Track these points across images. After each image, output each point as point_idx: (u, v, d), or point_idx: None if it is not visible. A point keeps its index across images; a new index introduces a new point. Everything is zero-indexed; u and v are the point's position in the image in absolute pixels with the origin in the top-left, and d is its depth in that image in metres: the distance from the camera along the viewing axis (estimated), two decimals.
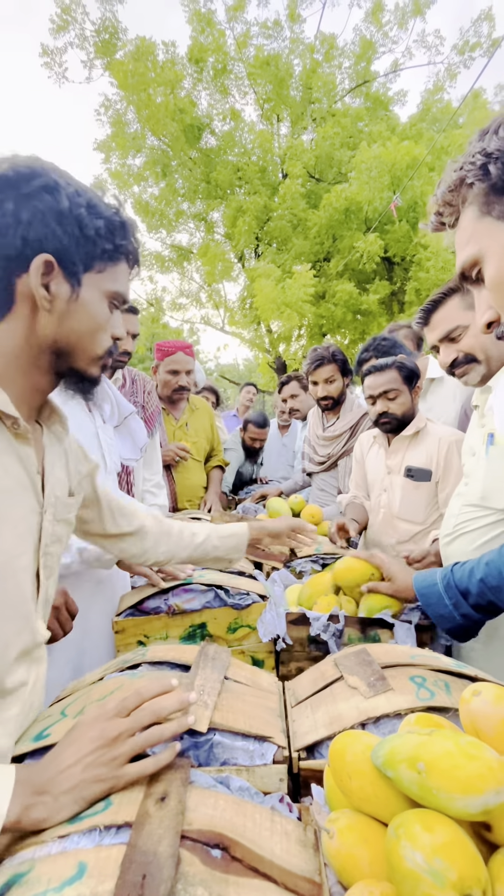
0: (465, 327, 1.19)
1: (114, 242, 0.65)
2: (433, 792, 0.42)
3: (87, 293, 0.64)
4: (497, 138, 0.51)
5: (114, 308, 0.69)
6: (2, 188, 0.58)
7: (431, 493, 1.68)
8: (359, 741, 0.52)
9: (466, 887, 0.36)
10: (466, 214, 0.58)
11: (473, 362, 1.20)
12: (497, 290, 0.57)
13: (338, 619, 1.09)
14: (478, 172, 0.53)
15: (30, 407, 0.68)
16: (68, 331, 0.64)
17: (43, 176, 0.59)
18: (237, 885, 0.43)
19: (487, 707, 0.52)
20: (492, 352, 1.17)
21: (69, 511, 0.79)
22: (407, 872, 0.38)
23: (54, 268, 0.60)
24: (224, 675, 0.73)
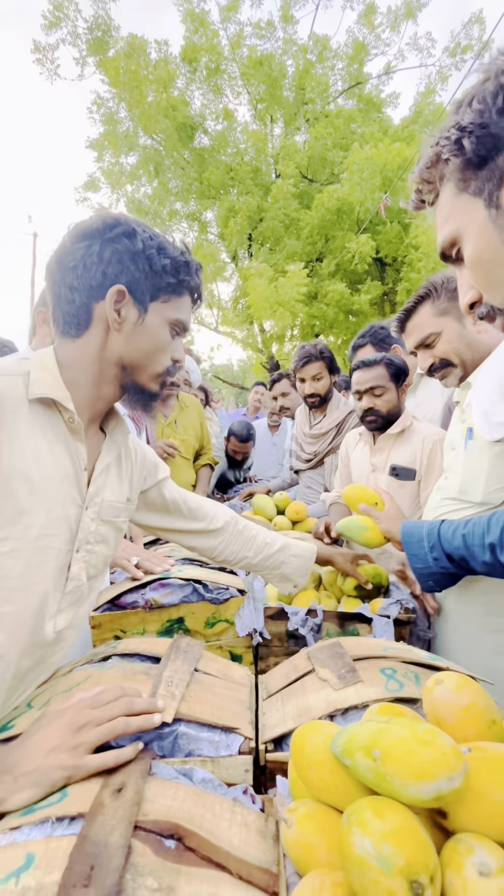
0: (437, 334, 1.22)
1: (178, 278, 0.76)
2: (387, 779, 0.42)
3: (152, 319, 0.75)
4: (471, 111, 0.50)
5: (175, 334, 0.79)
6: (92, 235, 0.71)
7: (415, 492, 1.68)
8: (320, 731, 0.52)
9: (414, 873, 0.36)
10: (444, 191, 0.57)
11: (450, 366, 1.23)
12: (476, 269, 0.56)
13: (316, 614, 1.08)
14: (452, 147, 0.52)
15: (92, 411, 0.78)
16: (133, 349, 0.74)
17: (123, 225, 0.72)
18: (189, 876, 0.42)
19: (449, 695, 0.52)
20: (466, 355, 1.20)
21: (118, 514, 0.84)
22: (356, 859, 0.37)
23: (126, 296, 0.72)
24: (194, 668, 0.73)
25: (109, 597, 1.12)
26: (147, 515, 1.03)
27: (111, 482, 0.84)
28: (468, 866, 0.37)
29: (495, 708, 0.52)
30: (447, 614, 1.20)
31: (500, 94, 0.47)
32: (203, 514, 1.08)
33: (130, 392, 0.78)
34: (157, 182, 10.16)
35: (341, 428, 2.21)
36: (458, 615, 1.17)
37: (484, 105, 0.48)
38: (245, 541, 1.12)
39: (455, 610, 1.18)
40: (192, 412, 2.36)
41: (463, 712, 0.50)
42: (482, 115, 0.48)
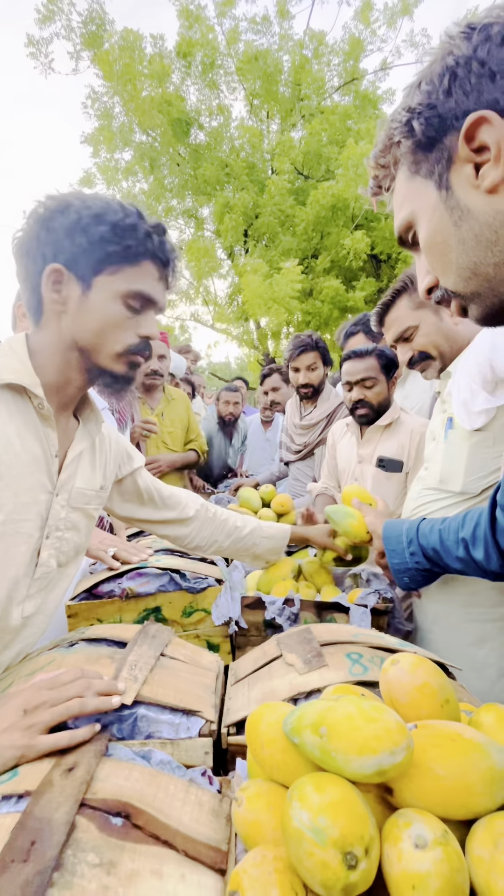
0: (415, 327, 1.22)
1: (122, 244, 0.69)
2: (332, 755, 0.42)
3: (97, 294, 0.70)
4: (419, 92, 0.49)
5: (134, 308, 0.73)
6: (32, 219, 0.69)
7: (402, 484, 1.69)
8: (274, 711, 0.52)
9: (348, 844, 0.36)
10: (399, 175, 0.57)
11: (428, 359, 1.23)
12: (430, 252, 0.56)
13: (293, 603, 1.08)
14: (403, 129, 0.51)
15: (62, 398, 0.76)
16: (83, 329, 0.71)
17: (57, 200, 0.69)
18: (133, 852, 0.42)
19: (403, 675, 0.52)
20: (444, 347, 1.21)
21: (89, 502, 0.84)
22: (293, 831, 0.37)
23: (63, 275, 0.68)
24: (161, 652, 0.72)
25: (86, 586, 1.11)
26: (122, 505, 1.03)
27: (83, 470, 0.84)
28: (405, 839, 0.37)
29: (450, 688, 0.52)
30: (426, 605, 1.21)
31: (447, 75, 0.46)
32: (175, 502, 1.09)
33: (96, 376, 0.77)
34: (153, 178, 10.10)
35: (331, 419, 2.22)
36: (438, 605, 1.17)
37: (431, 86, 0.48)
38: (215, 526, 1.14)
39: (435, 601, 1.18)
40: (179, 405, 2.35)
41: (416, 691, 0.50)
42: (430, 96, 0.48)
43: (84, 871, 0.39)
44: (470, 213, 0.48)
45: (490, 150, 0.45)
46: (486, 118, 0.44)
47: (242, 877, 0.38)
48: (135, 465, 1.01)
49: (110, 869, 0.40)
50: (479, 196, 0.48)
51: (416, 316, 1.21)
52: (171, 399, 2.34)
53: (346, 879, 0.35)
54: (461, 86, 0.46)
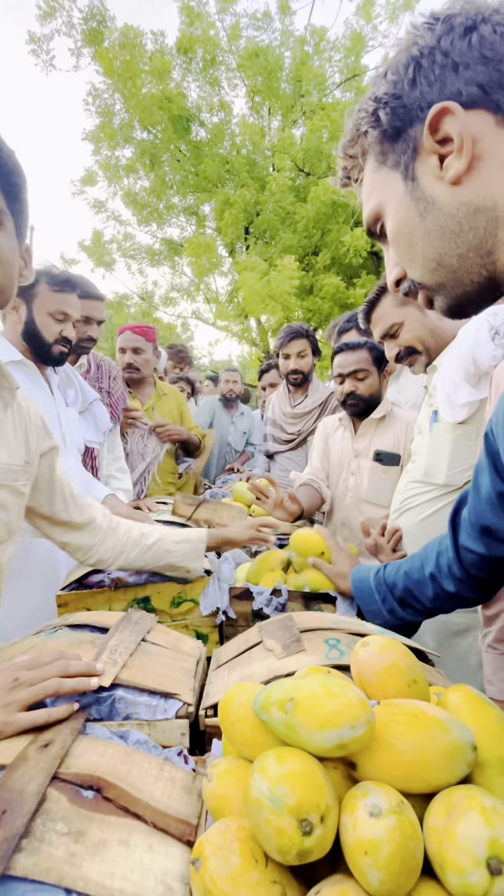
0: (399, 324, 1.24)
1: None
2: (296, 729, 0.43)
3: None
4: (385, 82, 0.50)
5: None
6: None
7: (399, 477, 1.69)
8: (246, 691, 0.53)
9: (304, 812, 0.37)
10: (367, 166, 0.57)
11: (415, 354, 1.25)
12: (397, 243, 0.56)
13: (280, 594, 1.09)
14: (370, 119, 0.52)
15: None
16: None
17: None
18: (102, 823, 0.43)
19: (372, 656, 0.53)
20: (430, 342, 1.23)
21: (16, 479, 0.82)
22: (253, 801, 0.38)
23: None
24: (142, 638, 0.74)
25: (77, 576, 1.13)
26: (32, 494, 0.93)
27: (7, 443, 0.81)
28: (361, 808, 0.38)
29: (418, 670, 0.53)
30: None
31: (411, 65, 0.47)
32: (85, 504, 1.01)
33: None
34: (154, 175, 10.09)
35: (325, 407, 2.26)
36: None
37: (397, 76, 0.48)
38: (119, 537, 1.04)
39: None
40: (169, 400, 2.36)
41: (384, 672, 0.51)
42: (395, 86, 0.49)
43: (52, 838, 0.40)
44: (435, 204, 0.49)
45: (453, 141, 0.46)
46: (449, 109, 0.45)
47: (205, 845, 0.39)
48: (52, 443, 0.93)
49: (78, 837, 0.41)
50: (443, 187, 0.48)
51: (400, 313, 1.23)
52: (163, 395, 2.35)
53: (301, 845, 0.36)
54: (425, 76, 0.46)
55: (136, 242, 11.03)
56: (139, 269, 11.41)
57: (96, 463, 1.82)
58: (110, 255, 10.55)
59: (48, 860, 0.38)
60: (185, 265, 11.29)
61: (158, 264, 11.41)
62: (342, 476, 1.82)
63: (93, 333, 1.82)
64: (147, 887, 0.39)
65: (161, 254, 11.15)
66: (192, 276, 10.88)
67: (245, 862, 0.38)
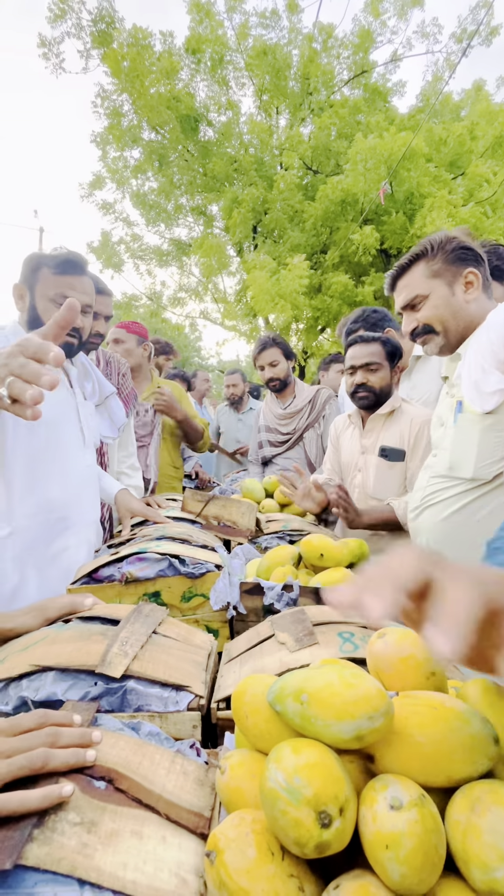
0: (424, 297, 1.17)
1: None
2: (311, 720, 0.42)
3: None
4: None
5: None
6: None
7: (403, 473, 1.68)
8: (260, 682, 0.52)
9: (322, 804, 0.36)
10: None
11: (431, 333, 1.19)
12: None
13: (292, 589, 1.08)
14: None
15: None
16: None
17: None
18: (114, 814, 0.43)
19: (388, 647, 0.51)
20: (450, 323, 1.16)
21: None
22: (268, 792, 0.37)
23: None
24: (153, 630, 0.73)
25: (87, 571, 1.12)
26: None
27: None
28: (380, 800, 0.37)
29: (437, 661, 0.51)
30: None
31: None
32: None
33: None
34: (162, 176, 10.13)
35: (314, 403, 2.35)
36: None
37: None
38: None
39: None
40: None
41: (401, 663, 0.50)
42: None
43: (64, 828, 0.40)
44: None
45: None
46: None
47: (220, 837, 0.38)
48: None
49: (91, 828, 0.40)
50: None
51: (428, 285, 1.17)
52: (159, 388, 2.34)
53: (320, 837, 0.35)
54: None
55: (145, 243, 11.08)
56: (147, 270, 11.46)
57: (105, 459, 1.82)
58: (119, 257, 10.61)
59: (60, 850, 0.38)
60: (193, 265, 11.33)
61: (166, 265, 11.46)
62: (351, 473, 1.81)
63: (101, 329, 1.81)
64: (161, 879, 0.39)
65: (169, 254, 11.19)
66: (200, 277, 10.89)
67: (261, 855, 0.37)
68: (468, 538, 1.10)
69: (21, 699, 0.58)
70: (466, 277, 1.14)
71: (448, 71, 9.86)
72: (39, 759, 0.43)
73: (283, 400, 2.44)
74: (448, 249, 1.15)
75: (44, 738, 0.45)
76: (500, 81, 10.67)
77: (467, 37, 9.08)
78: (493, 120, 8.74)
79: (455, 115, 9.98)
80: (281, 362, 2.35)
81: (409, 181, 7.87)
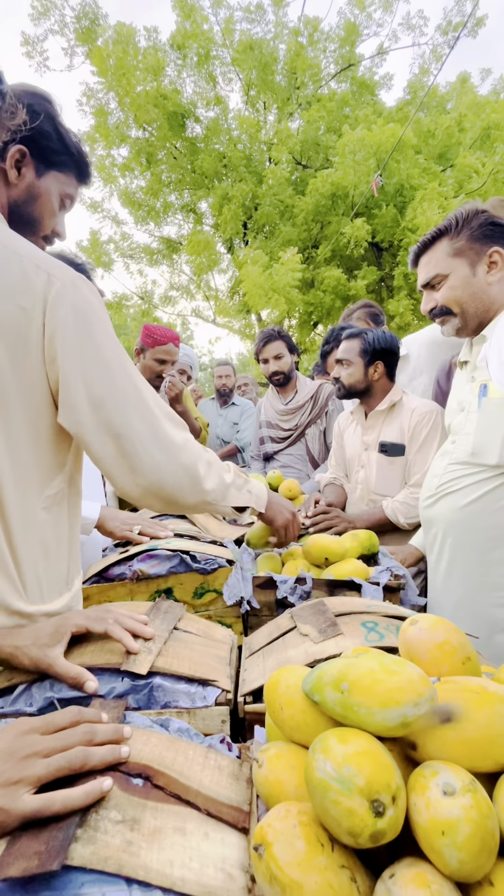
0: (444, 276, 1.13)
1: (74, 157, 0.80)
2: (354, 709, 0.41)
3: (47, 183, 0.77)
4: None
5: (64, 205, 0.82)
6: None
7: (403, 469, 1.67)
8: (293, 673, 0.51)
9: (375, 792, 0.35)
10: None
11: (448, 314, 1.15)
12: None
13: (305, 582, 1.07)
14: None
15: None
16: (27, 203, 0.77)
17: (49, 101, 0.78)
18: (155, 810, 0.42)
19: (423, 633, 0.51)
20: (469, 305, 1.13)
21: None
22: (317, 782, 0.37)
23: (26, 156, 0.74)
24: (174, 626, 0.72)
25: (97, 569, 1.11)
26: None
27: None
28: (432, 787, 0.36)
29: (471, 646, 0.51)
30: (450, 590, 1.18)
31: None
32: None
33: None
34: (150, 174, 10.05)
35: (316, 399, 2.31)
36: (463, 591, 1.14)
37: None
38: None
39: (460, 585, 1.15)
40: None
41: (437, 649, 0.49)
42: None
43: (107, 827, 0.39)
44: None
45: None
46: None
47: (267, 830, 0.38)
48: None
49: (133, 825, 0.40)
50: None
51: (449, 264, 1.12)
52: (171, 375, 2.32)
53: (375, 826, 0.34)
54: None
55: (134, 242, 11.00)
56: (138, 270, 11.39)
57: None
58: (108, 256, 10.53)
59: (106, 849, 0.37)
60: (183, 263, 11.27)
61: (157, 263, 11.39)
62: (354, 469, 1.81)
63: None
64: (208, 875, 0.38)
65: (159, 252, 11.13)
66: (190, 274, 10.84)
67: (311, 847, 0.36)
68: (487, 526, 1.09)
69: (47, 700, 0.56)
70: (491, 257, 1.09)
71: (435, 63, 9.85)
72: (79, 759, 0.42)
73: (284, 395, 2.39)
74: (474, 226, 1.10)
75: (80, 737, 0.45)
76: (485, 73, 10.70)
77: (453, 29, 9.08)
78: (479, 111, 8.76)
79: (441, 108, 9.99)
80: (285, 356, 2.29)
81: (399, 174, 7.88)
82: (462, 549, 1.15)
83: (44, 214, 0.79)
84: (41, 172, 0.77)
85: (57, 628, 0.63)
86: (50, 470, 0.72)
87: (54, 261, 0.70)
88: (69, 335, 0.67)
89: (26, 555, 0.69)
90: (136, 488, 0.77)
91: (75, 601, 0.82)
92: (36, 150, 0.75)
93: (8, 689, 0.60)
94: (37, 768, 0.41)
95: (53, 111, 0.78)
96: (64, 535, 0.76)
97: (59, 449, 0.73)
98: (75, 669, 0.58)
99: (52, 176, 0.78)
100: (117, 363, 0.73)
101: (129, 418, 0.73)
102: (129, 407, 0.73)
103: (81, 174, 0.84)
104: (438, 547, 1.21)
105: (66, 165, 0.80)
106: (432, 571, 1.26)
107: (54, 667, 0.58)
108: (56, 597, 0.75)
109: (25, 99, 0.73)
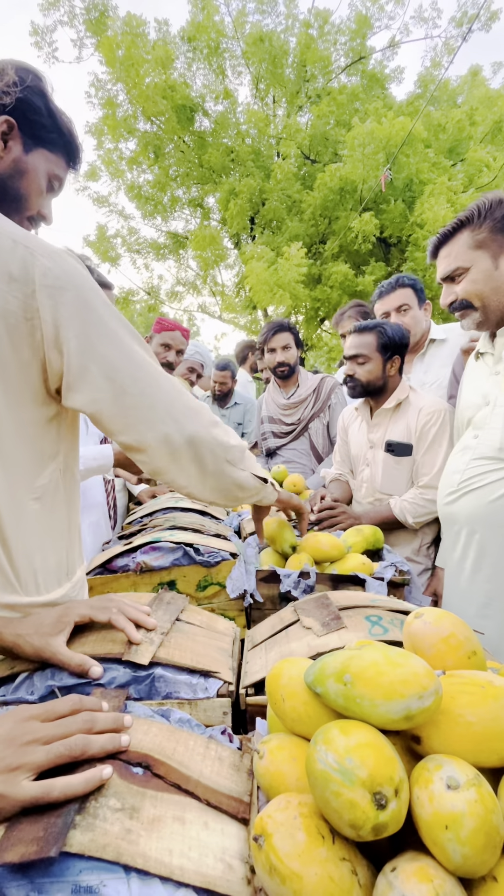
0: (465, 269, 1.11)
1: (64, 137, 0.78)
2: (357, 701, 0.41)
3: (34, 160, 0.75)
4: None
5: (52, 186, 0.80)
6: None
7: (410, 468, 1.65)
8: (295, 665, 0.51)
9: (377, 785, 0.34)
10: None
11: (469, 308, 1.14)
12: None
13: (308, 576, 1.07)
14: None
15: None
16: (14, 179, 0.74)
17: (39, 78, 0.75)
18: (154, 799, 0.42)
19: (427, 627, 0.50)
20: (490, 299, 1.11)
21: None
22: (319, 774, 0.36)
23: (14, 129, 0.71)
24: (176, 617, 0.72)
25: (101, 561, 1.11)
26: None
27: None
28: (436, 781, 0.35)
29: (476, 640, 0.50)
30: (479, 586, 1.15)
31: None
32: None
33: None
34: (158, 168, 10.00)
35: (319, 392, 2.29)
36: (493, 586, 1.12)
37: None
38: None
39: (490, 581, 1.13)
40: None
41: (442, 643, 0.49)
42: None
43: (106, 814, 0.38)
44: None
45: None
46: None
47: (267, 821, 0.37)
48: None
49: (132, 813, 0.39)
50: None
51: (471, 256, 1.10)
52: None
53: (377, 819, 0.34)
54: None
55: (141, 237, 10.97)
56: (145, 264, 11.35)
57: None
58: (115, 251, 10.51)
59: (104, 836, 0.37)
60: (190, 258, 11.23)
61: (163, 258, 11.35)
62: (360, 468, 1.80)
63: None
64: (207, 865, 0.38)
65: (166, 247, 11.08)
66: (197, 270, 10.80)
67: (311, 838, 0.36)
68: None
69: (48, 688, 0.56)
70: None
71: (447, 56, 9.70)
72: (78, 746, 0.42)
73: (286, 390, 2.38)
74: (497, 216, 1.08)
75: (80, 724, 0.45)
76: (497, 67, 10.53)
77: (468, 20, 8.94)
78: (491, 105, 8.63)
79: (452, 101, 9.85)
80: (292, 347, 2.27)
81: (409, 168, 7.77)
82: (490, 545, 1.12)
83: (30, 192, 0.76)
84: (29, 148, 0.74)
85: (60, 617, 0.63)
86: (39, 459, 0.71)
87: (32, 235, 0.68)
88: (71, 315, 0.65)
89: (19, 546, 0.69)
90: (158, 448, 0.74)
91: (78, 590, 0.82)
92: (25, 123, 0.72)
93: (10, 677, 0.60)
94: (37, 755, 0.41)
95: (45, 88, 0.75)
96: (62, 524, 0.76)
97: (46, 437, 0.71)
98: (79, 657, 0.58)
99: (41, 154, 0.75)
100: (124, 331, 0.72)
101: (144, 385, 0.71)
102: (143, 373, 0.71)
103: (71, 157, 0.81)
104: (463, 544, 1.18)
105: (55, 145, 0.77)
106: (455, 569, 1.23)
107: (57, 655, 0.58)
108: (55, 587, 0.75)
109: (15, 70, 0.70)
